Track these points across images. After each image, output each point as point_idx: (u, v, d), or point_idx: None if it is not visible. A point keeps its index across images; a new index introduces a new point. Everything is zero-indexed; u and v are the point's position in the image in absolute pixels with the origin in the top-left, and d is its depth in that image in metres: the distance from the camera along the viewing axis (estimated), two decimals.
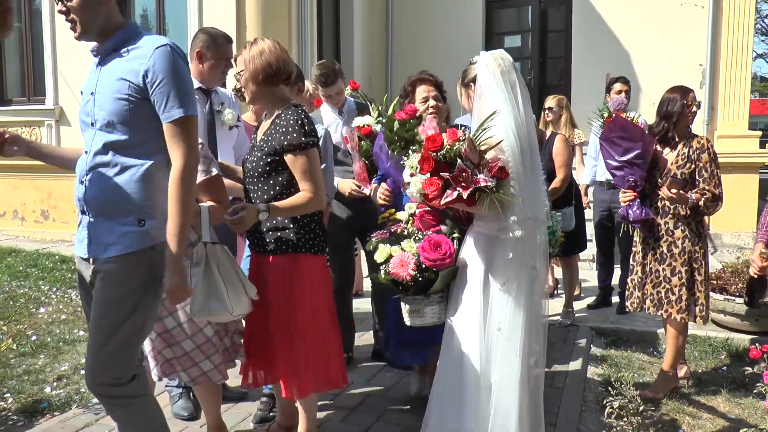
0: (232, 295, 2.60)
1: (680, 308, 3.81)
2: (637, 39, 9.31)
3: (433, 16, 10.34)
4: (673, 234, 3.84)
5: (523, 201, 2.70)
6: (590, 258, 7.26)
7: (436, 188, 2.63)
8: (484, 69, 2.85)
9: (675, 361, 3.97)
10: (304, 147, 2.74)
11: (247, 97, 2.90)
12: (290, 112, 2.79)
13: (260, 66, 2.78)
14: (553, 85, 9.87)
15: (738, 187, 8.26)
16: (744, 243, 8.28)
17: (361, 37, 10.02)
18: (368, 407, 3.62)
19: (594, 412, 3.77)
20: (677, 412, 3.77)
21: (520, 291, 2.74)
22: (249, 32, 7.70)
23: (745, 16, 8.64)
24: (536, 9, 10.47)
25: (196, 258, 2.58)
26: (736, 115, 8.73)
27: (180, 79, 2.23)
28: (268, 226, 2.83)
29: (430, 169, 2.66)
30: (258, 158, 2.82)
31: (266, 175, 2.81)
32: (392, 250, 2.86)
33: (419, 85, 3.54)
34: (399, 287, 2.86)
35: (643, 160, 3.87)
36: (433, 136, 2.71)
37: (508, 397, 2.70)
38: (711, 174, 3.75)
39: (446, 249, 2.75)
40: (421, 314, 2.88)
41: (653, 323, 5.22)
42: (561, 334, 5.06)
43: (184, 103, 2.22)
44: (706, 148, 3.77)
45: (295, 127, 2.74)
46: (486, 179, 2.59)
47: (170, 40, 2.30)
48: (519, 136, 2.73)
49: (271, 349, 2.88)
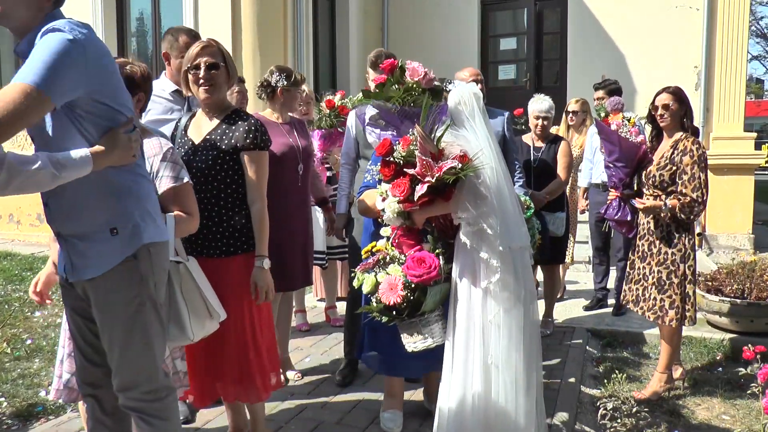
0: (194, 320, 2.48)
1: (649, 306, 3.89)
2: (632, 41, 9.33)
3: (429, 18, 10.35)
4: (653, 234, 3.89)
5: (501, 233, 2.70)
6: (586, 260, 7.27)
7: (404, 188, 2.62)
8: (453, 106, 2.88)
9: (669, 362, 3.98)
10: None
11: (212, 92, 2.83)
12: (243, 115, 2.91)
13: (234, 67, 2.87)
14: (549, 87, 9.86)
15: (733, 188, 8.28)
16: (739, 244, 8.30)
17: (356, 40, 10.02)
18: (363, 410, 3.62)
19: (589, 413, 3.77)
20: (672, 413, 3.77)
21: (519, 302, 2.73)
22: (245, 35, 7.71)
23: (740, 18, 8.65)
24: (532, 11, 10.48)
25: None
26: (731, 116, 8.74)
27: (42, 50, 1.85)
28: (225, 225, 2.84)
29: (392, 173, 2.66)
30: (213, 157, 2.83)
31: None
32: (379, 277, 2.77)
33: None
34: (393, 313, 2.74)
35: (623, 164, 4.02)
36: (382, 143, 2.73)
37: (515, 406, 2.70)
38: (691, 177, 3.72)
39: (430, 263, 2.70)
40: (422, 336, 2.77)
41: (648, 325, 5.22)
42: (557, 336, 5.06)
43: (28, 74, 1.82)
44: (689, 150, 3.75)
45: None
46: (450, 163, 2.59)
47: (68, 22, 1.95)
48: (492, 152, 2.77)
49: (227, 355, 2.86)
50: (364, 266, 2.89)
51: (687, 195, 3.71)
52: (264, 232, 2.85)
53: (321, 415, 3.55)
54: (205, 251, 2.86)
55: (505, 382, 2.70)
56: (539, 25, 10.49)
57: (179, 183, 2.55)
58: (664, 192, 3.82)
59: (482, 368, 2.71)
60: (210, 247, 2.86)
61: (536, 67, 10.46)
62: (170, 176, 2.52)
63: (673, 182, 3.78)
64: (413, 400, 3.67)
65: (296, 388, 3.92)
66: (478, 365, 2.71)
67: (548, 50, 10.58)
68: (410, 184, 2.62)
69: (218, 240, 2.85)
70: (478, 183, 2.68)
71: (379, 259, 2.86)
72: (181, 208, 2.57)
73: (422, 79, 3.16)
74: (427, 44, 9.94)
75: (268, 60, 7.47)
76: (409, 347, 2.80)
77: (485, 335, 2.71)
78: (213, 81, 2.80)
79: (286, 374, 4.03)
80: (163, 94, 3.58)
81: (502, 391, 2.70)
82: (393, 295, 2.68)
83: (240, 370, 2.87)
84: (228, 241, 2.85)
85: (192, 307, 2.49)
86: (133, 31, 9.14)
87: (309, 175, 3.96)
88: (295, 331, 4.97)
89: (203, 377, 2.94)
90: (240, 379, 2.88)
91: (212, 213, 2.84)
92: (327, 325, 5.29)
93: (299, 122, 4.10)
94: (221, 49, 2.86)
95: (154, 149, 2.53)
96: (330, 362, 4.38)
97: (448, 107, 2.89)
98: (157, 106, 3.52)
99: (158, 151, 2.54)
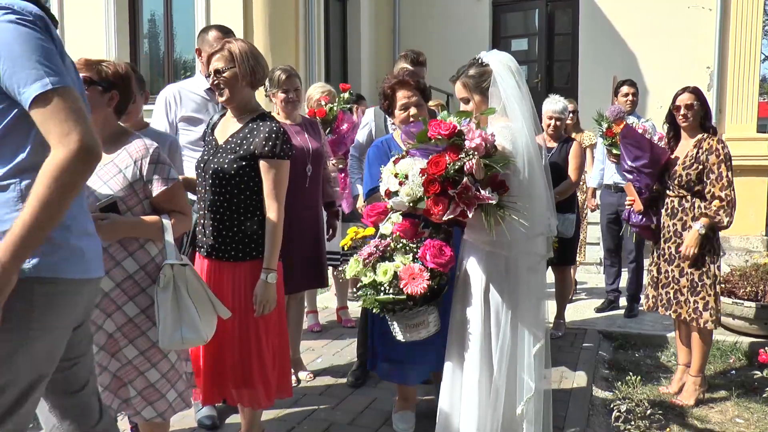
0: (204, 321, 2.45)
1: (685, 310, 3.84)
2: (644, 42, 9.29)
3: (440, 19, 10.35)
4: (681, 236, 3.84)
5: (532, 221, 2.57)
6: (597, 261, 7.25)
7: (443, 207, 2.52)
8: (506, 73, 2.66)
9: (703, 365, 3.95)
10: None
11: (226, 95, 2.77)
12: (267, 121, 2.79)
13: (255, 66, 2.76)
14: (560, 88, 9.84)
15: (746, 190, 8.21)
16: (753, 246, 8.24)
17: (368, 41, 10.04)
18: (375, 410, 3.62)
19: (602, 415, 3.76)
20: (686, 417, 3.75)
21: (526, 299, 2.71)
22: (256, 37, 7.74)
23: (753, 19, 8.60)
24: (543, 12, 10.47)
25: (162, 282, 2.37)
26: (744, 117, 8.69)
27: (18, 47, 1.57)
28: (235, 230, 2.77)
29: (436, 191, 2.52)
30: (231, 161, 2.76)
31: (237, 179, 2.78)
32: (395, 266, 2.61)
33: (399, 90, 3.26)
34: (409, 302, 2.62)
35: (651, 170, 3.95)
36: (435, 159, 2.54)
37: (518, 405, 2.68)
38: (718, 176, 3.70)
39: (448, 251, 2.64)
40: (426, 325, 2.69)
41: (661, 327, 5.20)
42: (569, 337, 5.05)
43: (42, 74, 1.56)
44: (714, 149, 3.74)
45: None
46: (490, 196, 2.49)
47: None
48: (533, 150, 2.60)
49: (230, 361, 2.82)
50: (368, 256, 2.72)
51: (715, 193, 3.69)
52: (275, 244, 2.75)
53: (333, 415, 3.56)
54: (214, 253, 2.81)
55: (509, 380, 2.67)
56: (550, 26, 10.48)
57: (171, 184, 2.45)
58: (690, 192, 3.79)
59: (486, 366, 2.69)
60: (219, 249, 2.80)
61: (547, 68, 10.45)
62: (161, 178, 2.42)
63: (699, 181, 3.76)
64: (426, 398, 3.67)
65: (308, 389, 3.93)
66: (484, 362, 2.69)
67: (559, 51, 10.57)
68: (448, 203, 2.53)
69: (228, 244, 2.79)
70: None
71: (385, 248, 2.72)
72: (174, 207, 2.50)
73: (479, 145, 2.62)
74: (438, 46, 9.93)
75: (280, 62, 7.44)
76: (404, 338, 2.71)
77: (485, 328, 2.69)
78: (225, 85, 2.75)
79: (298, 375, 4.04)
80: (198, 91, 3.62)
81: (504, 390, 2.67)
82: (417, 285, 2.56)
83: (243, 376, 2.82)
84: (237, 246, 2.78)
85: (201, 309, 2.45)
86: (145, 33, 9.20)
87: (319, 177, 3.96)
88: (307, 332, 4.98)
89: (208, 379, 2.89)
90: (243, 385, 2.84)
91: (224, 216, 2.78)
92: (339, 326, 5.30)
93: (312, 123, 4.10)
94: (232, 51, 2.74)
95: (140, 151, 2.42)
96: (342, 363, 4.39)
97: (499, 82, 2.68)
98: (190, 103, 3.61)
99: (144, 153, 2.42)
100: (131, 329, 2.42)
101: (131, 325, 2.42)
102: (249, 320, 2.79)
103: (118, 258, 2.40)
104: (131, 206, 2.41)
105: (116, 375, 2.45)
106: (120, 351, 2.43)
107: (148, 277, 2.43)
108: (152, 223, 2.42)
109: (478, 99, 2.75)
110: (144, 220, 2.42)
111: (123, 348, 2.43)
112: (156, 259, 2.47)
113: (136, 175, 2.39)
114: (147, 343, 2.45)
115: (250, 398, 2.89)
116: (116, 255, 2.40)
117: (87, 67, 2.39)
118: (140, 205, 2.43)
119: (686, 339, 4.05)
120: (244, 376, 2.82)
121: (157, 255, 2.47)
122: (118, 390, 2.48)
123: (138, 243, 2.43)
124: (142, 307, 2.43)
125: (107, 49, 8.58)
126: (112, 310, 2.41)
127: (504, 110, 2.66)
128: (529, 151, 2.60)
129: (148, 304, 2.43)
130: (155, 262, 2.46)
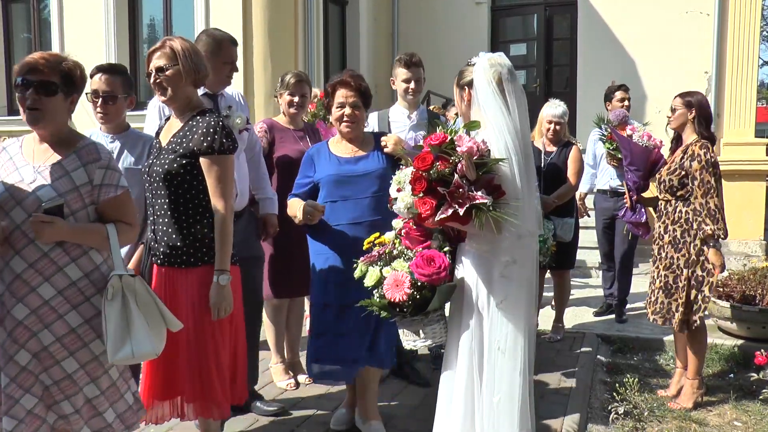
0: (154, 333, 2.33)
1: (656, 309, 3.91)
2: (642, 46, 9.32)
3: (439, 23, 10.38)
4: (663, 238, 3.91)
5: (522, 218, 2.61)
6: (595, 265, 7.26)
7: (429, 207, 2.53)
8: (481, 76, 2.72)
9: (698, 368, 3.95)
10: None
11: (168, 94, 2.66)
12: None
13: (198, 64, 2.66)
14: (559, 92, 9.87)
15: (744, 195, 8.22)
16: (751, 251, 8.24)
17: (367, 46, 10.07)
18: None
19: (600, 418, 3.77)
20: (684, 419, 3.75)
21: (519, 308, 2.71)
22: (255, 38, 7.77)
23: (751, 24, 8.62)
24: (542, 17, 10.50)
25: (110, 293, 2.26)
26: (742, 122, 8.70)
27: None
28: (185, 233, 2.64)
29: (423, 189, 2.54)
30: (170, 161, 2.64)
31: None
32: (385, 271, 2.66)
33: (339, 88, 3.22)
34: (396, 310, 2.66)
35: (636, 167, 4.14)
36: (422, 155, 2.58)
37: (511, 416, 2.68)
38: (700, 182, 3.71)
39: (440, 263, 2.60)
40: (421, 335, 2.71)
41: (659, 330, 5.20)
42: (567, 341, 5.06)
43: None
44: (696, 155, 3.73)
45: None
46: (483, 196, 2.50)
47: None
48: (516, 151, 2.64)
49: (185, 372, 2.68)
50: (368, 258, 2.78)
51: (697, 200, 3.72)
52: (225, 244, 2.61)
53: (331, 419, 3.55)
54: (167, 260, 2.68)
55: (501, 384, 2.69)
56: (549, 31, 10.52)
57: (120, 192, 2.36)
58: (674, 196, 3.83)
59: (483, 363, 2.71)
60: (170, 255, 2.66)
61: (546, 72, 10.48)
62: (110, 185, 2.33)
63: (682, 186, 3.79)
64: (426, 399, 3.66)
65: (306, 392, 3.93)
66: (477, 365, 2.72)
67: (558, 56, 10.61)
68: (436, 204, 2.53)
69: (179, 248, 2.65)
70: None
71: (385, 252, 2.75)
72: (121, 217, 2.39)
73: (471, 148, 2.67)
74: (437, 50, 9.96)
75: (279, 66, 7.52)
76: (408, 345, 2.76)
77: (485, 329, 2.72)
78: (167, 84, 2.64)
79: (297, 378, 4.05)
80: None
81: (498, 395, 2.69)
82: (398, 292, 2.58)
83: (202, 386, 2.68)
84: (188, 250, 2.64)
85: (151, 322, 2.33)
86: (144, 38, 9.23)
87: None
88: (307, 335, 4.97)
89: (158, 395, 2.77)
90: (201, 396, 2.70)
91: (172, 220, 2.65)
92: None
93: (313, 129, 4.10)
94: (174, 49, 2.62)
95: (91, 155, 2.32)
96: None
97: (475, 83, 2.74)
98: None
99: (96, 157, 2.32)
100: (73, 340, 2.28)
101: (73, 335, 2.29)
102: (205, 329, 2.65)
103: (61, 263, 2.27)
104: (75, 210, 2.28)
105: (49, 389, 2.29)
106: (57, 364, 2.27)
107: (92, 285, 2.32)
108: (97, 231, 2.32)
109: (458, 94, 2.89)
110: (88, 227, 2.32)
111: (61, 361, 2.28)
112: (101, 267, 2.36)
113: (84, 178, 2.29)
114: (88, 355, 2.31)
115: (208, 409, 2.74)
116: (58, 260, 2.26)
117: (50, 70, 2.24)
118: (84, 211, 2.31)
119: (682, 342, 4.06)
120: (203, 388, 2.68)
121: (102, 264, 2.36)
122: (51, 405, 2.30)
123: (81, 249, 2.31)
124: (86, 317, 2.30)
125: (106, 53, 8.59)
126: (52, 320, 2.26)
127: (475, 110, 2.76)
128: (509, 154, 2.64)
129: (92, 314, 2.31)
130: (100, 271, 2.35)
